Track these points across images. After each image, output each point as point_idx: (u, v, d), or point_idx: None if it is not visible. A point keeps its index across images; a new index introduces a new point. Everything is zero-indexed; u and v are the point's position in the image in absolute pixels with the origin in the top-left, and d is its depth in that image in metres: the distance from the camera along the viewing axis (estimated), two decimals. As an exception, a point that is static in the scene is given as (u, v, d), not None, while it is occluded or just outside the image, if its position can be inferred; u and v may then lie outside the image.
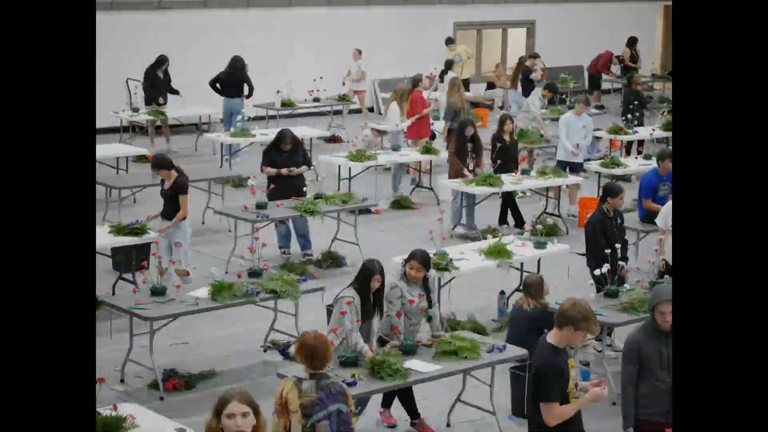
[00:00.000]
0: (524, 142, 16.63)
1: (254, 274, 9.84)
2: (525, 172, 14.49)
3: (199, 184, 14.26)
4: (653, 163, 15.58)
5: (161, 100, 18.95)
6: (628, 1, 28.01)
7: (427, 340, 8.52)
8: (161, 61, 19.04)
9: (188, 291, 9.53)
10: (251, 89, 18.47)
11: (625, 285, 9.78)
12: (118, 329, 9.72)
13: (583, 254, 10.98)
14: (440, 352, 8.21)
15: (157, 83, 18.99)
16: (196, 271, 11.25)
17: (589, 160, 16.15)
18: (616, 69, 24.93)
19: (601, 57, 24.76)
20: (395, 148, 16.17)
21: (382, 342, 8.35)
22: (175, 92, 19.20)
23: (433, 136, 17.74)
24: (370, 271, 8.25)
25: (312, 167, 13.77)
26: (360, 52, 21.78)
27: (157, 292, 9.34)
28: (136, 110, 18.84)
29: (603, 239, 10.19)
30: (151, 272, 9.62)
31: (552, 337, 6.29)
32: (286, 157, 12.94)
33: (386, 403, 8.69)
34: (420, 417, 8.61)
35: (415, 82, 17.29)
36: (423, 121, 17.08)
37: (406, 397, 8.54)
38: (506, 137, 14.55)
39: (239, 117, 17.31)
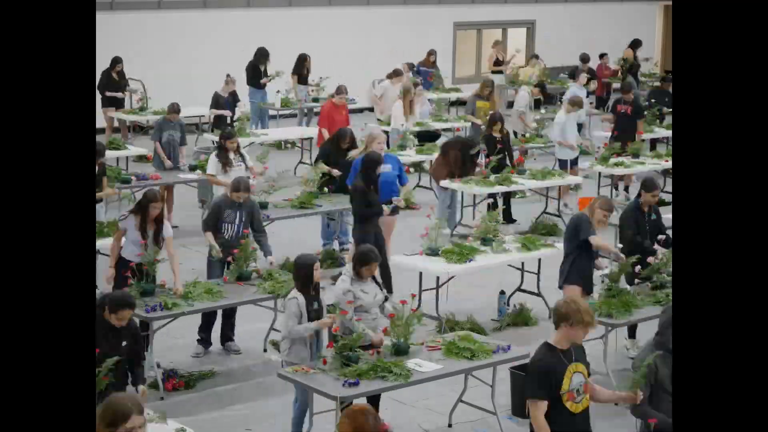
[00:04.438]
0: (518, 142, 16.70)
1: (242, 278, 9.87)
2: (521, 172, 14.50)
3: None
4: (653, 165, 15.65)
5: (120, 95, 18.86)
6: (628, 1, 28.02)
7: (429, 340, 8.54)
8: (115, 61, 18.85)
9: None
10: None
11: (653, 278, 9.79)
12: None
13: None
14: (447, 351, 8.22)
15: (109, 87, 18.81)
16: (194, 272, 11.25)
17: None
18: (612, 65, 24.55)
19: (599, 69, 24.16)
20: (401, 147, 16.15)
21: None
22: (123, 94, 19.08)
23: (437, 136, 17.80)
24: (308, 266, 8.15)
25: None
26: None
27: (146, 292, 9.30)
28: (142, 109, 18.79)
29: (635, 228, 10.25)
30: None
31: (552, 336, 6.28)
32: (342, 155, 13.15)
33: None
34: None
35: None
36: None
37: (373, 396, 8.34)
38: (497, 135, 14.54)
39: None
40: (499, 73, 23.07)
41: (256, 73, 19.59)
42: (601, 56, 23.83)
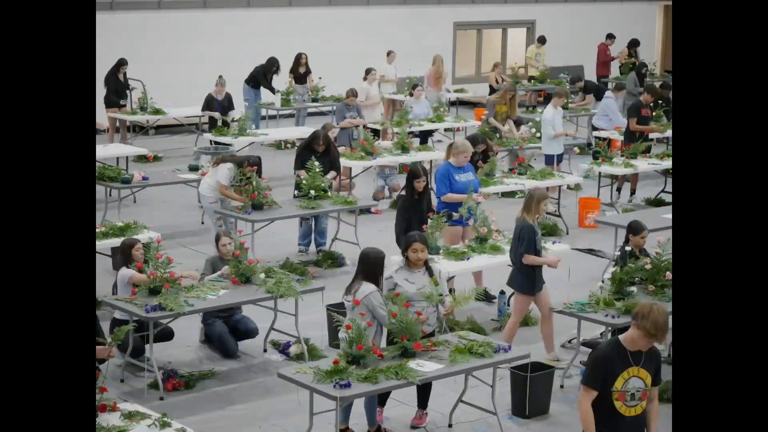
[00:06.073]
0: (520, 142, 16.71)
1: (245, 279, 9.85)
2: (521, 172, 14.49)
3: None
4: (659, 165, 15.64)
5: (122, 102, 18.87)
6: (628, 1, 28.03)
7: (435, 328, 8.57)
8: (121, 63, 18.87)
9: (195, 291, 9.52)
10: None
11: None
12: (118, 329, 9.71)
13: (586, 251, 11.15)
14: (453, 350, 8.21)
15: (118, 87, 18.83)
16: (195, 272, 11.23)
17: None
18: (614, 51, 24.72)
19: (600, 55, 24.54)
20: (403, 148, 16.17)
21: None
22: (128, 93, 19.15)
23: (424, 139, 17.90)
24: (381, 259, 8.22)
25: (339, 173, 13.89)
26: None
27: (155, 291, 9.28)
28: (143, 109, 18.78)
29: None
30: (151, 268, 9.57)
31: (625, 334, 6.13)
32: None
33: (381, 402, 8.67)
34: (425, 410, 8.66)
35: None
36: None
37: (423, 388, 8.50)
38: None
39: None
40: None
41: (262, 77, 19.66)
42: (608, 37, 24.12)
